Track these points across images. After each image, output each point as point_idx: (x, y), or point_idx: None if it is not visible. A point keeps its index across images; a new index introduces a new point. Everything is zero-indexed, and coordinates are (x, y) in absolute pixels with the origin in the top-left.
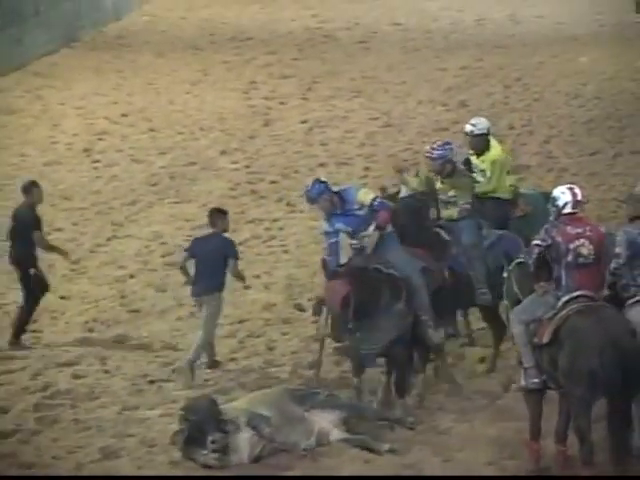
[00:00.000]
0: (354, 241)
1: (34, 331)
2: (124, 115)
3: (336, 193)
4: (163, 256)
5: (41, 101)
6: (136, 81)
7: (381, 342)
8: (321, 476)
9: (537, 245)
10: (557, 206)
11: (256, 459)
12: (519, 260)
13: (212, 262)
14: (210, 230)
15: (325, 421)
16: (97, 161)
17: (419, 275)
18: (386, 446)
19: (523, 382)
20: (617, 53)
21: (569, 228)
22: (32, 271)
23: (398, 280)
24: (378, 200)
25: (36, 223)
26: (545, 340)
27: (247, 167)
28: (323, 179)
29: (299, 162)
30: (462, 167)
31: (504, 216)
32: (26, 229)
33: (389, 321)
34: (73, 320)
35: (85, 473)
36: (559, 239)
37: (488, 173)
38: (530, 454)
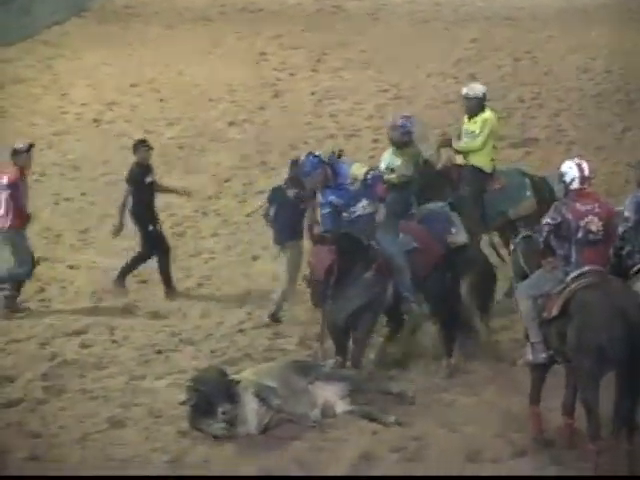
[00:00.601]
0: (345, 214)
1: (42, 300)
2: (133, 85)
3: (330, 165)
4: (172, 227)
5: (50, 71)
6: (145, 51)
7: (345, 311)
8: (321, 476)
9: (547, 224)
10: (565, 182)
11: (264, 430)
12: (526, 234)
13: (292, 210)
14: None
15: (330, 393)
16: (106, 131)
17: (403, 256)
18: (392, 418)
19: (530, 357)
20: (627, 27)
21: (578, 205)
22: (151, 228)
23: (375, 252)
24: (371, 174)
25: (141, 176)
26: (554, 313)
27: (256, 138)
28: (317, 153)
29: (308, 133)
30: (416, 144)
31: (481, 188)
32: (138, 187)
33: (356, 290)
34: (82, 290)
35: (92, 443)
36: (569, 216)
37: (477, 131)
38: (532, 418)
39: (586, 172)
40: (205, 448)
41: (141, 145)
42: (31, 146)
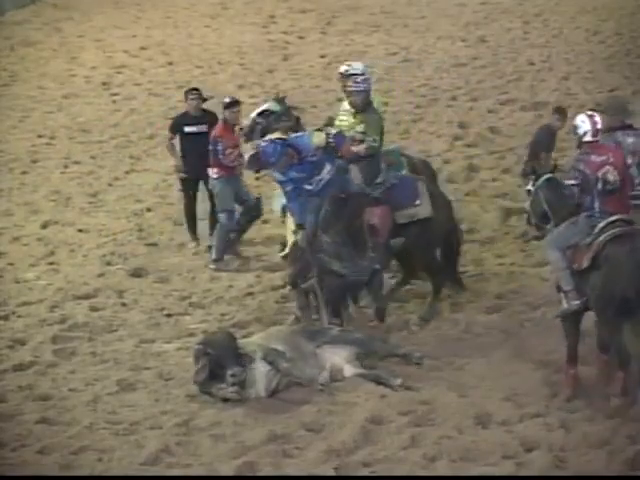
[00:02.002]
0: (309, 186)
1: (51, 263)
2: (143, 48)
3: (291, 145)
4: (181, 190)
5: (59, 33)
6: (155, 14)
7: (366, 270)
8: (321, 476)
9: (574, 185)
10: (578, 134)
11: (272, 393)
12: (548, 176)
13: None
14: None
15: (337, 357)
16: (115, 94)
17: None
18: (398, 381)
19: (565, 305)
20: None
21: (593, 157)
22: (183, 176)
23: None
24: (332, 135)
25: (179, 126)
26: (585, 265)
27: (265, 101)
28: (274, 136)
29: (317, 97)
30: (372, 100)
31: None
32: (180, 136)
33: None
34: (91, 253)
35: (102, 405)
36: (587, 171)
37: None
38: (566, 380)
39: (598, 125)
40: (214, 411)
41: (189, 94)
42: (235, 102)
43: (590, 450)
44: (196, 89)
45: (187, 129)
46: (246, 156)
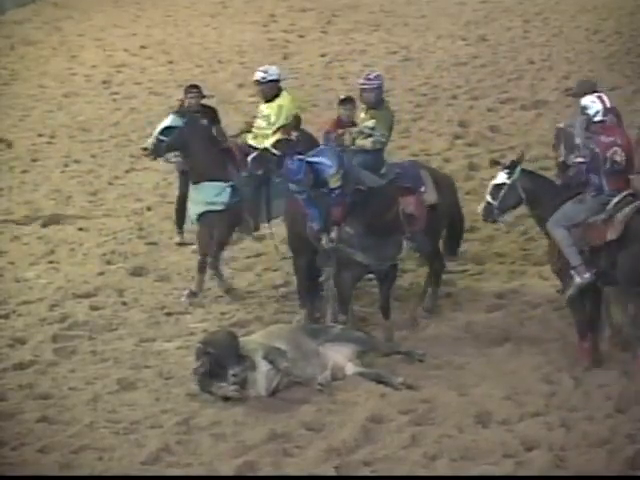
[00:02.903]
0: (325, 189)
1: (52, 262)
2: (143, 47)
3: (311, 166)
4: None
5: (59, 32)
6: (155, 13)
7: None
8: (322, 476)
9: (582, 162)
10: (588, 115)
11: (273, 392)
12: (523, 168)
13: None
14: None
15: (339, 355)
16: (116, 93)
17: None
18: (399, 379)
19: (578, 279)
20: None
21: (603, 137)
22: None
23: None
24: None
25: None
26: (612, 237)
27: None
28: (298, 157)
29: (318, 96)
30: (386, 100)
31: (268, 171)
32: None
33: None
34: (91, 252)
35: (102, 404)
36: (597, 150)
37: (273, 118)
38: (581, 353)
39: (607, 104)
40: (214, 410)
41: (188, 91)
42: (349, 99)
43: (590, 449)
44: (196, 86)
45: None
46: (250, 157)
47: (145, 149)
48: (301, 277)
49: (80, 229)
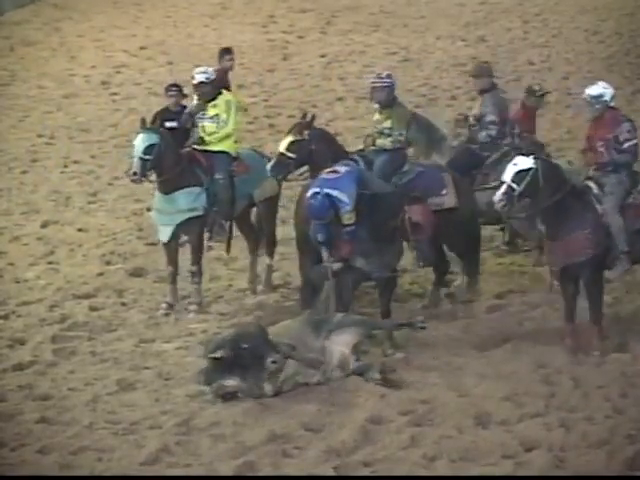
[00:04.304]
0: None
1: (51, 263)
2: (142, 48)
3: (332, 199)
4: None
5: (59, 33)
6: (154, 14)
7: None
8: (321, 476)
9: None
10: (604, 102)
11: (276, 393)
12: (540, 158)
13: None
14: None
15: (344, 346)
16: (115, 94)
17: None
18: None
19: (625, 267)
20: None
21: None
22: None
23: None
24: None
25: (162, 120)
26: None
27: (265, 101)
28: (318, 191)
29: (317, 96)
30: (399, 99)
31: (231, 173)
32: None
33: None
34: (91, 253)
35: (101, 405)
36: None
37: (224, 115)
38: (600, 335)
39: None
40: (214, 411)
41: (168, 89)
42: (537, 90)
43: (590, 450)
44: (176, 85)
45: (167, 124)
46: (269, 165)
47: (135, 173)
48: (306, 277)
49: (80, 230)
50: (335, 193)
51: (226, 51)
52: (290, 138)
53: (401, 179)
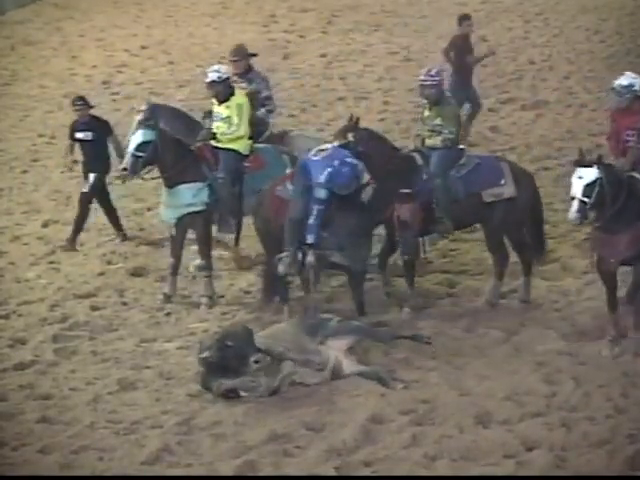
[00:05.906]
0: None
1: (52, 262)
2: (143, 47)
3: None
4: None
5: (60, 33)
6: (155, 13)
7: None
8: (322, 476)
9: None
10: (635, 91)
11: (273, 392)
12: (601, 164)
13: None
14: None
15: (340, 351)
16: (116, 93)
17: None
18: (400, 385)
19: None
20: None
21: None
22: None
23: None
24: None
25: (71, 131)
26: None
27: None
28: (345, 160)
29: (318, 96)
30: (449, 95)
31: (240, 170)
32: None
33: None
34: (91, 252)
35: (102, 405)
36: None
37: (235, 119)
38: (611, 324)
39: None
40: (215, 410)
41: (73, 103)
42: None
43: (590, 449)
44: (81, 97)
45: (77, 135)
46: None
47: (125, 169)
48: (271, 274)
49: None
50: (355, 162)
51: None
52: (335, 143)
53: (459, 172)
